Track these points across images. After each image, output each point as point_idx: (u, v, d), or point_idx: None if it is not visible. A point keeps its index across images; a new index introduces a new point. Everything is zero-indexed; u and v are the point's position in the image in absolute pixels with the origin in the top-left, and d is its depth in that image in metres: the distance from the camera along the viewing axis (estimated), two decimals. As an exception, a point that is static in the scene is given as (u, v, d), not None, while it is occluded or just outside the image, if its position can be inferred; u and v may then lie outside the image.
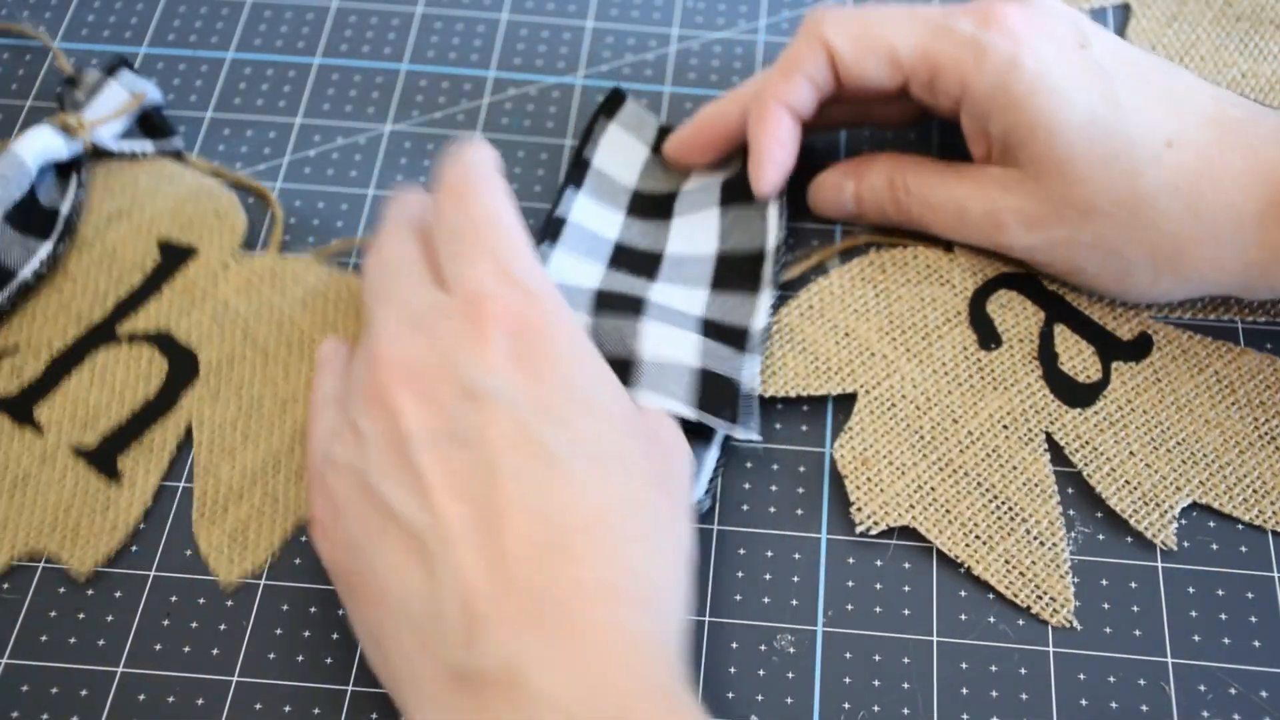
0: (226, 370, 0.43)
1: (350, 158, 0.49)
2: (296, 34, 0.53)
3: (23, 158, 0.44)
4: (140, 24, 0.53)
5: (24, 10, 0.54)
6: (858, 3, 0.54)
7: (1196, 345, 0.44)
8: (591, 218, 0.46)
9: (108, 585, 0.40)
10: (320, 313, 0.44)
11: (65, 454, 0.41)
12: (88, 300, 0.44)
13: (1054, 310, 0.44)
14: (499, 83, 0.52)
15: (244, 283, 0.45)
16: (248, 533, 0.40)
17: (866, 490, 0.41)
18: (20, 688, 0.38)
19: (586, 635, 0.31)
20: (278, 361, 0.43)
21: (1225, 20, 0.52)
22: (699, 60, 0.52)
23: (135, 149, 0.48)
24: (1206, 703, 0.38)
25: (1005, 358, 0.43)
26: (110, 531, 0.40)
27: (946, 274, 0.45)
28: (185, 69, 0.52)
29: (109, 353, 0.43)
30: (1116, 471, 0.41)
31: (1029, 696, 0.38)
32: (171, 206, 0.46)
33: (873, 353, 0.43)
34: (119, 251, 0.45)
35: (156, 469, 0.41)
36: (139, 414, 0.42)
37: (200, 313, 0.44)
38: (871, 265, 0.45)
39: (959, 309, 0.44)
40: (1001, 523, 0.40)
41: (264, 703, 0.38)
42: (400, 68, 0.52)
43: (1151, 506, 0.40)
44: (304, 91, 0.51)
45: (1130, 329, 0.44)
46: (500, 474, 0.32)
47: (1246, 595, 0.40)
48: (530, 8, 0.54)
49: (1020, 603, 0.39)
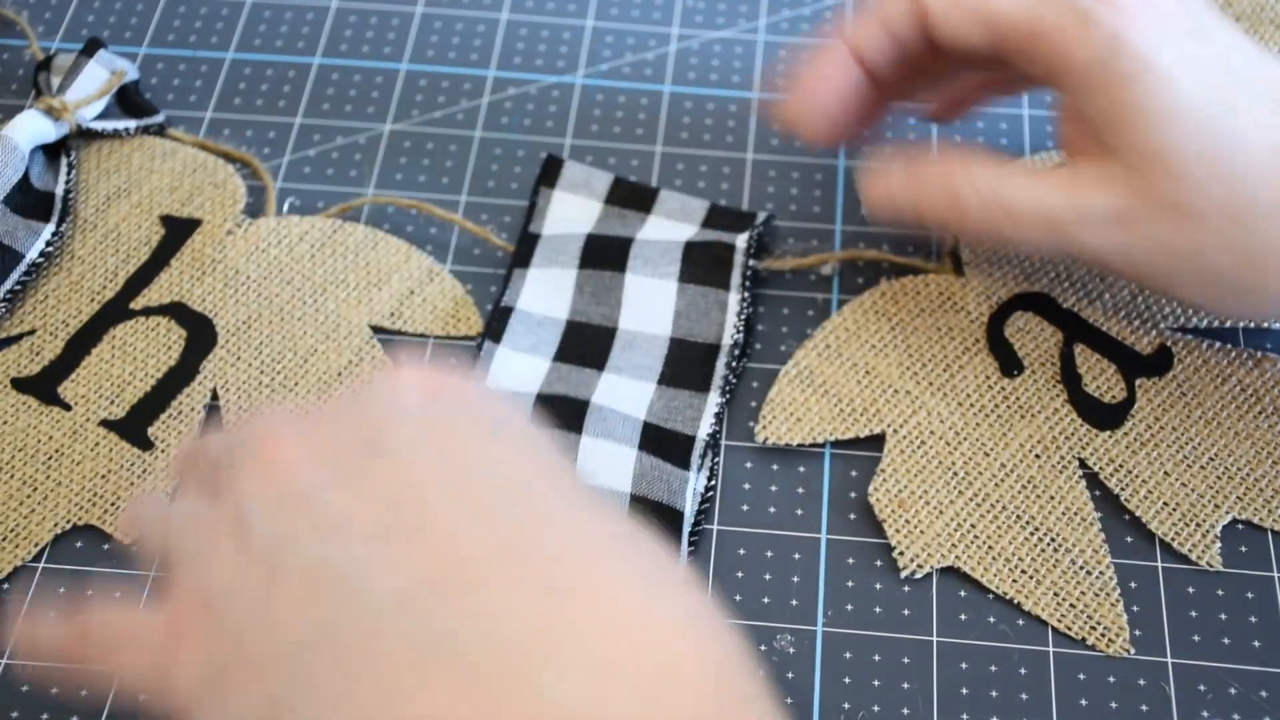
0: (244, 332, 0.44)
1: (350, 158, 0.49)
2: (296, 34, 0.53)
3: (15, 142, 0.45)
4: (140, 24, 0.53)
5: (24, 10, 0.54)
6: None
7: (1217, 355, 0.43)
8: (542, 296, 0.45)
9: (108, 585, 0.40)
10: (329, 264, 0.45)
11: (95, 428, 0.42)
12: (99, 279, 0.45)
13: (1072, 329, 0.44)
14: (499, 82, 0.52)
15: (251, 247, 0.46)
16: None
17: (906, 533, 0.40)
18: (20, 688, 0.38)
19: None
20: (293, 317, 0.44)
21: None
22: (699, 60, 0.52)
23: (119, 127, 0.48)
24: (1206, 703, 0.38)
25: (1029, 384, 0.43)
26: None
27: (960, 300, 0.44)
28: (185, 69, 0.52)
29: (126, 327, 0.44)
30: (1154, 494, 0.40)
31: (1029, 696, 0.38)
32: (169, 182, 0.47)
33: (896, 390, 0.43)
34: (122, 231, 0.46)
35: (188, 435, 0.42)
36: (163, 383, 0.43)
37: (211, 280, 0.45)
38: (883, 297, 0.45)
39: (977, 336, 0.44)
40: (1046, 555, 0.40)
41: (264, 703, 0.38)
42: (400, 68, 0.52)
43: (1193, 527, 0.40)
44: (304, 91, 0.51)
45: (1149, 342, 0.43)
46: (415, 480, 0.28)
47: (1246, 595, 0.40)
48: (530, 8, 0.54)
49: (1074, 635, 0.38)
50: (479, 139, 0.50)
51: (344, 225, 0.46)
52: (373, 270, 0.46)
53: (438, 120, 0.50)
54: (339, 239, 0.46)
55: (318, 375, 0.43)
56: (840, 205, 0.48)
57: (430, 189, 0.48)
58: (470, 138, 0.50)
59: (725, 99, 0.51)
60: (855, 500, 0.41)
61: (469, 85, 0.52)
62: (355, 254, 0.46)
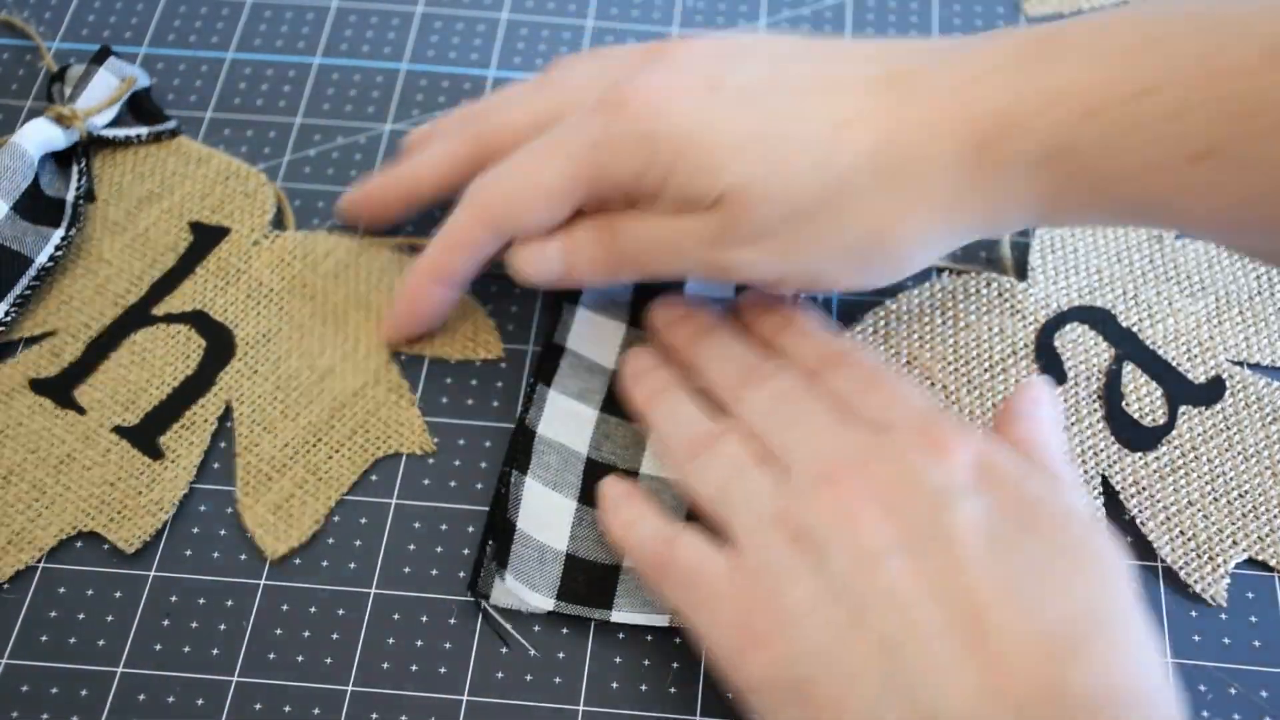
0: (263, 346, 0.44)
1: (350, 158, 0.49)
2: (296, 34, 0.53)
3: (24, 149, 0.45)
4: (140, 24, 0.53)
5: (24, 11, 0.54)
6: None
7: (1272, 393, 0.42)
8: (563, 422, 0.42)
9: (108, 585, 0.40)
10: (351, 285, 0.45)
11: (107, 434, 0.42)
12: (124, 283, 0.45)
13: (1126, 347, 0.43)
14: (499, 82, 0.52)
15: (276, 260, 0.46)
16: (291, 506, 0.41)
17: None
18: (20, 688, 0.38)
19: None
20: (313, 335, 0.44)
21: (1226, 20, 0.52)
22: (699, 60, 0.52)
23: (131, 134, 0.48)
24: (1207, 703, 0.38)
25: (1068, 395, 0.42)
26: (155, 508, 0.41)
27: (1019, 303, 0.44)
28: (185, 69, 0.52)
29: (146, 333, 0.44)
30: (1171, 521, 0.40)
31: (1029, 696, 0.38)
32: (201, 189, 0.48)
33: (933, 382, 0.43)
34: (151, 235, 0.46)
35: (199, 446, 0.42)
36: (178, 392, 0.43)
37: (235, 291, 0.45)
38: (943, 290, 0.44)
39: (1027, 341, 0.43)
40: None
41: (264, 703, 0.38)
42: (400, 67, 0.52)
43: (1204, 559, 0.40)
44: (304, 91, 0.51)
45: (1204, 372, 0.43)
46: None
47: (1246, 595, 0.40)
48: (530, 8, 0.54)
49: None
50: (479, 139, 0.50)
51: (370, 247, 0.46)
52: (395, 293, 0.45)
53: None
54: (364, 261, 0.46)
55: (333, 395, 0.43)
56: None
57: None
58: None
59: (725, 99, 0.51)
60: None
61: (469, 85, 0.52)
62: (380, 276, 0.45)
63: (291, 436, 0.42)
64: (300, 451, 0.42)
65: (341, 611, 0.39)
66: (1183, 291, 0.44)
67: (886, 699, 0.31)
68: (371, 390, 0.43)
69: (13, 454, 0.42)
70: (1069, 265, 0.45)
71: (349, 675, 0.38)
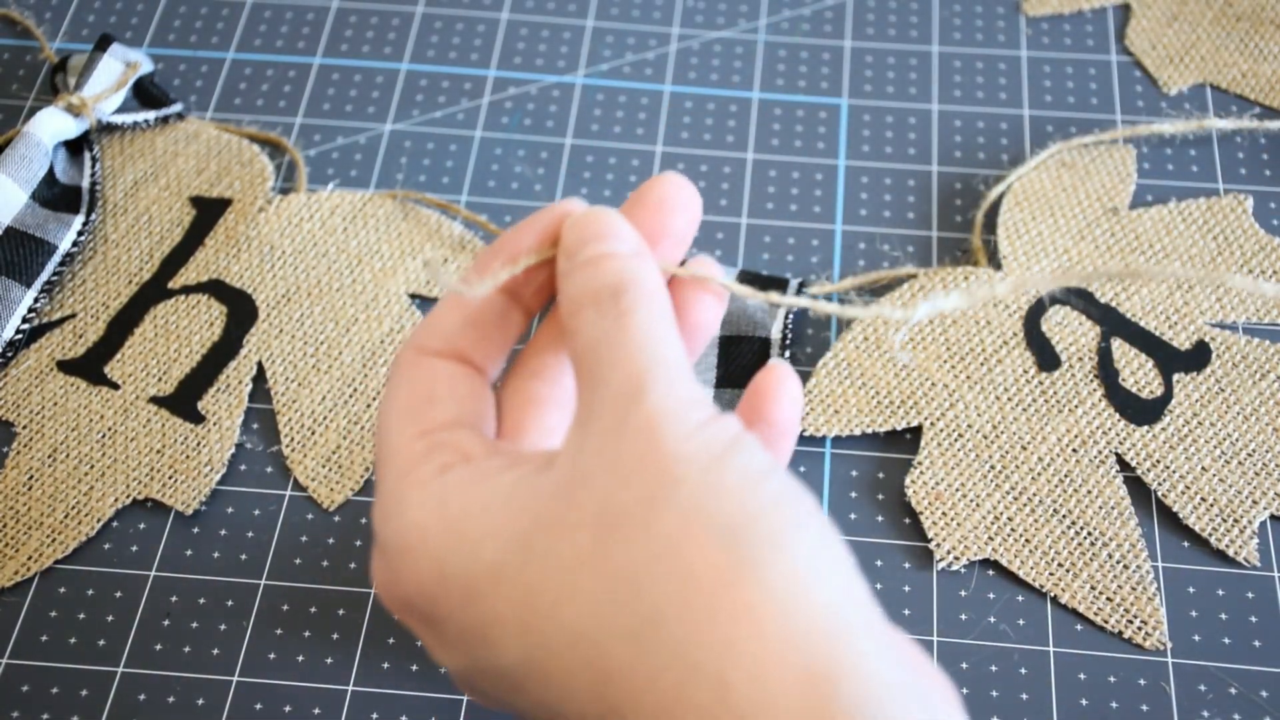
0: (284, 306, 0.45)
1: (350, 157, 0.49)
2: (296, 34, 0.53)
3: (39, 138, 0.46)
4: (140, 24, 0.53)
5: (25, 11, 0.54)
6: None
7: (1255, 350, 0.43)
8: None
9: (108, 585, 0.40)
10: (362, 235, 0.46)
11: (145, 405, 0.43)
12: (134, 262, 0.46)
13: (1109, 323, 0.44)
14: (499, 82, 0.52)
15: (284, 222, 0.47)
16: (340, 457, 0.42)
17: (943, 525, 0.40)
18: (20, 688, 0.38)
19: None
20: (332, 289, 0.45)
21: (1225, 20, 0.52)
22: (699, 60, 0.52)
23: (139, 119, 0.49)
24: (1207, 703, 0.38)
25: (1066, 378, 0.43)
26: (206, 469, 0.42)
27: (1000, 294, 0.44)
28: (185, 69, 0.52)
29: (166, 306, 0.45)
30: (1191, 489, 0.41)
31: (1029, 696, 0.38)
32: (195, 165, 0.48)
33: (934, 383, 0.43)
34: (153, 214, 0.47)
35: (238, 407, 0.43)
36: (208, 357, 0.44)
37: (247, 256, 0.46)
38: (921, 290, 0.45)
39: (1014, 329, 0.44)
40: (1083, 549, 0.40)
41: (264, 703, 0.38)
42: (400, 67, 0.52)
43: (1230, 523, 0.40)
44: (304, 91, 0.51)
45: (1187, 337, 0.43)
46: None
47: (1246, 595, 0.40)
48: (530, 7, 0.54)
49: (1110, 629, 0.39)
50: (479, 139, 0.50)
51: (373, 197, 0.47)
52: (405, 240, 0.46)
53: (438, 120, 0.51)
54: (369, 210, 0.47)
55: (360, 344, 0.44)
56: (840, 205, 0.48)
57: (430, 189, 0.48)
58: (470, 138, 0.50)
59: (725, 99, 0.51)
60: (856, 500, 0.41)
61: (469, 85, 0.52)
62: (387, 225, 0.47)
63: (328, 390, 0.43)
64: (339, 403, 0.43)
65: (341, 611, 0.39)
66: (1148, 259, 0.45)
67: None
68: (398, 335, 0.44)
69: (54, 433, 0.42)
70: (1037, 249, 0.46)
71: (349, 675, 0.38)
